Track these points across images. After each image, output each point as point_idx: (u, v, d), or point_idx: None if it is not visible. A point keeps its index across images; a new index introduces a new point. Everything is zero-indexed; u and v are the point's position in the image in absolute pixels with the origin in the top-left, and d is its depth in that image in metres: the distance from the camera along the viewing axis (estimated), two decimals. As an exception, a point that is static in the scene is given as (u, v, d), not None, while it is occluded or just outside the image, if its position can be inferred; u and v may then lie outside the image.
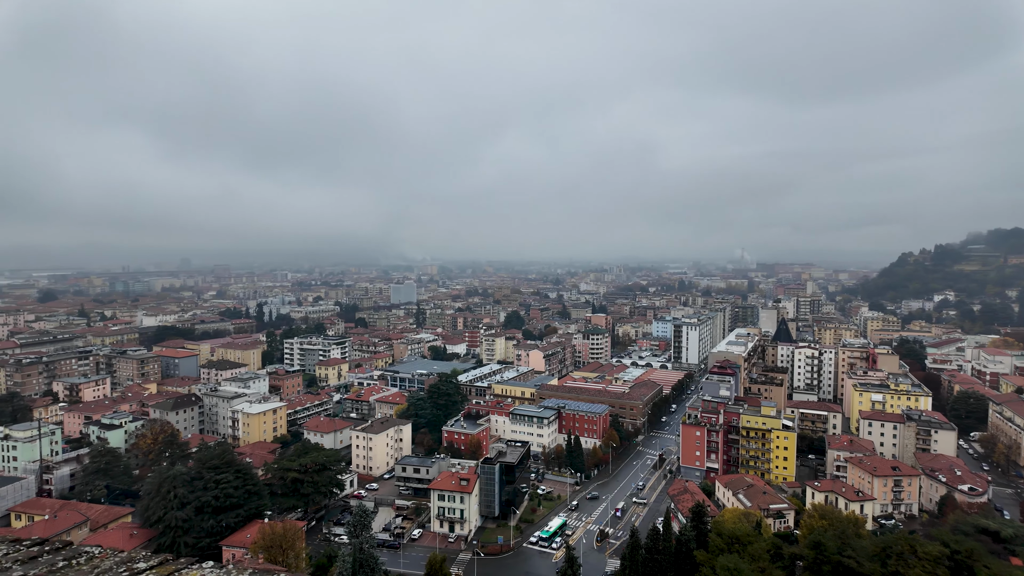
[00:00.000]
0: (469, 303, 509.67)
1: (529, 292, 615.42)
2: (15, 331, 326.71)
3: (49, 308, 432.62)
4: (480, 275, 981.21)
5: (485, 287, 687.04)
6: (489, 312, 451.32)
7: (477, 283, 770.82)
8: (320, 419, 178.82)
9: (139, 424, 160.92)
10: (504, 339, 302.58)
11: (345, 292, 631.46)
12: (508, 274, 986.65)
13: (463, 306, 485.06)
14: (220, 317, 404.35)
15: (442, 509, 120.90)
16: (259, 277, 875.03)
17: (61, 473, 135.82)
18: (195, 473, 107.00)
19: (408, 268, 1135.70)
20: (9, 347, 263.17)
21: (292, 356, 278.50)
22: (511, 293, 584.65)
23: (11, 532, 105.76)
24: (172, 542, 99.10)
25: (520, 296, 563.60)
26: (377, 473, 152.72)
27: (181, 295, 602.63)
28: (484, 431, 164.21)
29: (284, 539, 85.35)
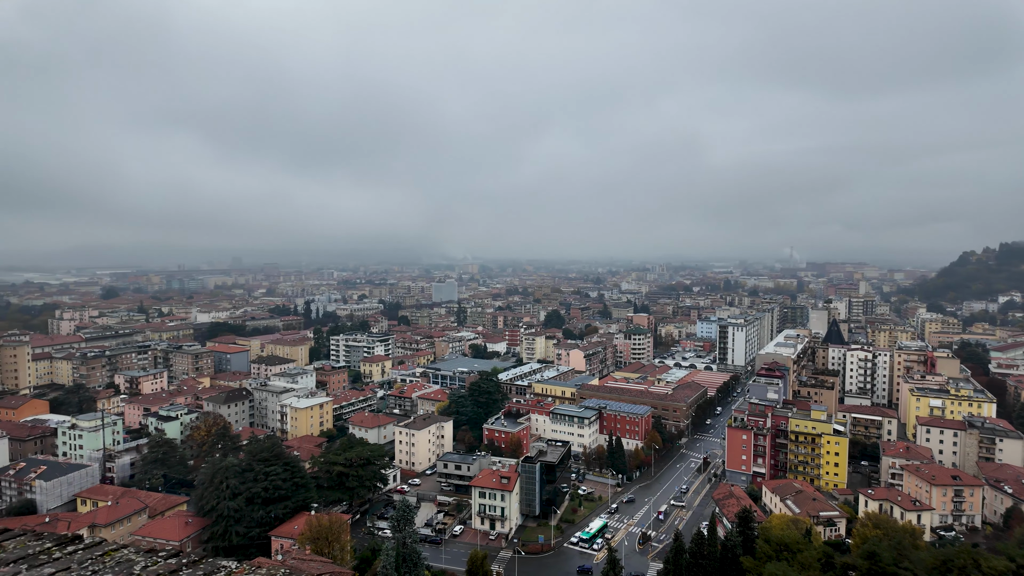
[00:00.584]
0: (509, 302, 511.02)
1: (569, 291, 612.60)
2: (81, 325, 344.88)
3: (111, 304, 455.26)
4: (520, 274, 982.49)
5: (525, 286, 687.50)
6: (529, 311, 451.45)
7: (517, 282, 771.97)
8: (364, 414, 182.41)
9: (194, 416, 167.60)
10: (544, 338, 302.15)
11: (388, 290, 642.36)
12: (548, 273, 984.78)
13: (503, 305, 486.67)
14: (270, 314, 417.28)
15: (483, 506, 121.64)
16: (306, 276, 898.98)
17: (122, 462, 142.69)
18: (246, 465, 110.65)
19: (449, 267, 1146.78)
20: (75, 341, 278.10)
21: (338, 352, 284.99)
22: (551, 292, 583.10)
23: (74, 517, 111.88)
24: (224, 531, 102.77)
25: (560, 295, 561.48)
26: (419, 469, 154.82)
27: (233, 293, 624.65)
28: (524, 430, 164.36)
29: (330, 531, 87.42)
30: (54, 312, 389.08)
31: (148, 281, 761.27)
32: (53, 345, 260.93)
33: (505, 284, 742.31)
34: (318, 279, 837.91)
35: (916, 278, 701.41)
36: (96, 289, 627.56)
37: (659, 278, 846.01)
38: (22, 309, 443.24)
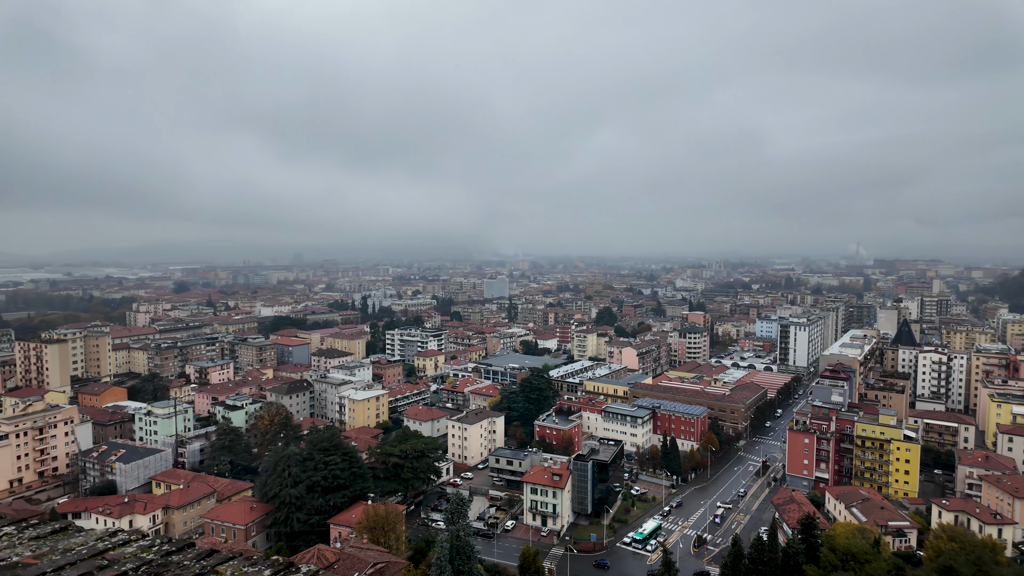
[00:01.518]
0: (560, 298, 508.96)
1: (622, 288, 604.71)
2: (155, 318, 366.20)
3: (182, 298, 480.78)
4: (571, 270, 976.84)
5: (576, 283, 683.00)
6: (580, 308, 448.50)
7: (568, 279, 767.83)
8: (419, 407, 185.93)
9: (258, 406, 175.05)
10: (596, 335, 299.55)
11: (441, 286, 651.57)
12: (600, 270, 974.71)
13: (554, 301, 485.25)
14: (329, 308, 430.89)
15: (535, 503, 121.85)
16: (363, 271, 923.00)
17: (193, 448, 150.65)
18: (307, 454, 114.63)
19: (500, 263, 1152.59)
20: (151, 333, 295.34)
21: (393, 347, 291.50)
22: (603, 289, 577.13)
23: (150, 498, 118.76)
24: (286, 517, 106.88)
25: (612, 292, 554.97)
26: (471, 463, 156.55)
27: (294, 288, 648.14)
28: (576, 427, 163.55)
29: (386, 521, 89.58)
30: (131, 305, 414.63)
31: (216, 276, 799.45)
32: (131, 336, 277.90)
33: (556, 281, 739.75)
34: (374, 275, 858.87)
35: (996, 276, 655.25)
36: (169, 284, 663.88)
37: (715, 275, 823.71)
38: (103, 302, 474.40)
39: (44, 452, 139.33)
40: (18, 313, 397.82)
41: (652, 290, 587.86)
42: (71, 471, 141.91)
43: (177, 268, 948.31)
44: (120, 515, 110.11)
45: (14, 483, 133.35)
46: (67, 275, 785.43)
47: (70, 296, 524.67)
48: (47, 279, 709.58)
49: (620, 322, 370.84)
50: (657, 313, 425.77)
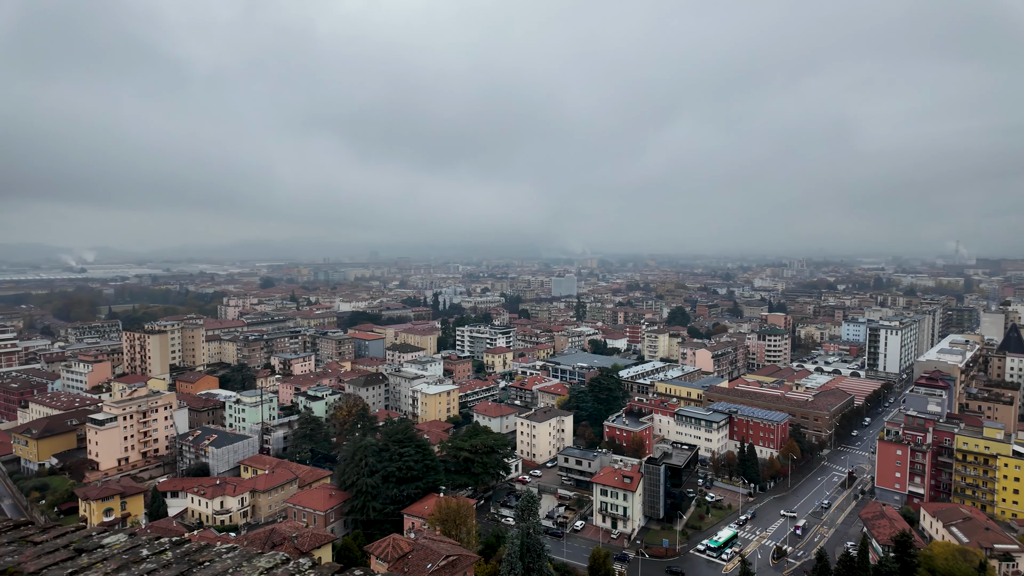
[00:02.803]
0: (630, 297, 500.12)
1: (695, 287, 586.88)
2: (243, 312, 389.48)
3: (268, 293, 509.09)
4: (642, 269, 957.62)
5: (647, 281, 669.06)
6: (651, 307, 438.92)
7: (638, 277, 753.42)
8: (488, 403, 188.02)
9: (337, 397, 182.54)
10: (668, 336, 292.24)
11: (509, 284, 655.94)
12: (672, 268, 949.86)
13: (624, 300, 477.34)
14: (402, 305, 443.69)
15: (604, 504, 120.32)
16: (435, 269, 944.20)
17: (277, 435, 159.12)
18: (382, 445, 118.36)
19: (568, 261, 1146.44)
20: (239, 325, 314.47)
21: (463, 343, 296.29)
22: (675, 288, 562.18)
23: (239, 481, 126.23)
24: (363, 505, 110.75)
25: (685, 291, 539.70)
26: (540, 461, 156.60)
27: (370, 284, 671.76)
28: (647, 430, 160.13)
29: (458, 514, 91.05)
30: (222, 299, 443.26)
31: (298, 272, 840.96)
32: (222, 328, 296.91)
33: (625, 279, 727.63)
34: (445, 272, 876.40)
35: None
36: (256, 279, 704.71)
37: (797, 274, 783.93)
38: (197, 296, 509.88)
39: (147, 434, 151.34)
40: (125, 305, 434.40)
41: (728, 290, 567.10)
42: (170, 453, 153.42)
43: (263, 265, 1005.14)
44: (212, 496, 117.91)
45: (121, 462, 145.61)
46: (166, 271, 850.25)
47: (169, 290, 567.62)
48: (149, 274, 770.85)
49: (693, 322, 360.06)
50: (733, 314, 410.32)
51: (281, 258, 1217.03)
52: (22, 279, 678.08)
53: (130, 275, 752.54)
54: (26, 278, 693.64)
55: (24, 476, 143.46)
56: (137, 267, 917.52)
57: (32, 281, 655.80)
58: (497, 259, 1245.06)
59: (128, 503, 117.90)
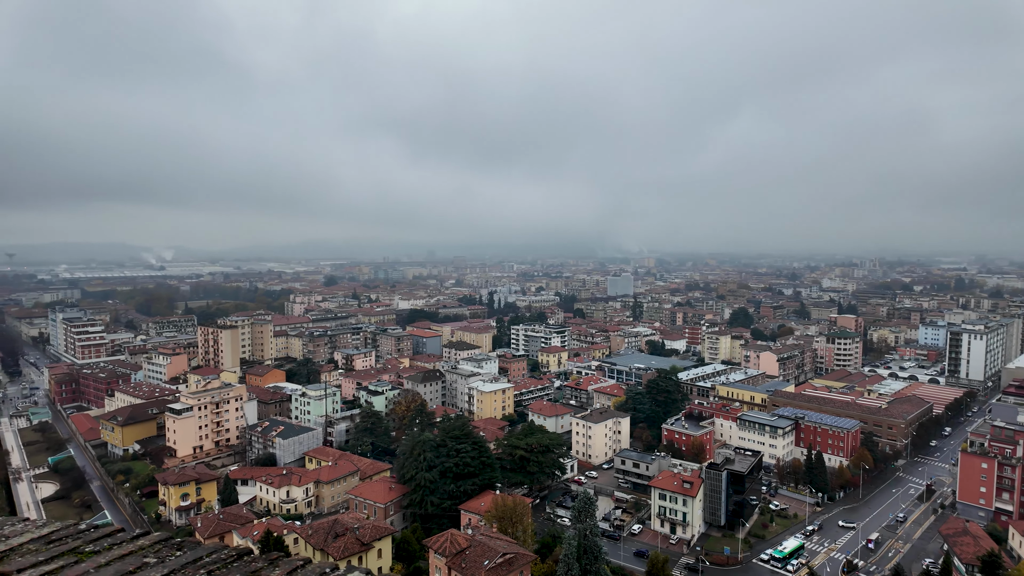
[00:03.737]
0: (689, 297, 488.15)
1: (759, 288, 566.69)
2: (309, 308, 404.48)
3: (331, 291, 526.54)
4: (701, 268, 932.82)
5: (707, 281, 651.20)
6: (712, 308, 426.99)
7: (698, 277, 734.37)
8: (543, 403, 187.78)
9: (396, 392, 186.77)
10: (730, 338, 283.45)
11: (564, 283, 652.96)
12: (733, 267, 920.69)
13: (683, 300, 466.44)
14: (458, 303, 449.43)
15: (663, 508, 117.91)
16: (489, 268, 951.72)
17: (339, 428, 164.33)
18: (440, 440, 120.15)
19: (624, 260, 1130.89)
20: (305, 322, 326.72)
21: (517, 341, 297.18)
22: (737, 288, 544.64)
23: (304, 472, 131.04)
24: (421, 499, 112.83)
25: (748, 292, 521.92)
26: (595, 462, 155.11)
27: (427, 283, 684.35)
28: (708, 434, 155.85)
29: (515, 512, 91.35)
30: (289, 296, 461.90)
31: (359, 271, 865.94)
32: (288, 324, 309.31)
33: (684, 279, 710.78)
34: (499, 271, 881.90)
35: None
36: (320, 277, 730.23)
37: (869, 275, 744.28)
38: (266, 293, 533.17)
39: (220, 424, 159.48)
40: (199, 301, 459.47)
41: (794, 290, 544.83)
42: (240, 443, 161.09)
43: (327, 263, 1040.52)
44: (279, 485, 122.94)
45: (196, 450, 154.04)
46: (237, 269, 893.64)
47: (239, 287, 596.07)
48: (222, 272, 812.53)
49: (757, 324, 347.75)
50: (800, 315, 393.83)
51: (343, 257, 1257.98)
52: (109, 276, 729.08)
53: (204, 273, 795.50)
54: (112, 275, 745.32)
55: (110, 460, 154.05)
56: (211, 265, 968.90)
57: (117, 278, 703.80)
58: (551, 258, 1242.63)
59: (203, 489, 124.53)
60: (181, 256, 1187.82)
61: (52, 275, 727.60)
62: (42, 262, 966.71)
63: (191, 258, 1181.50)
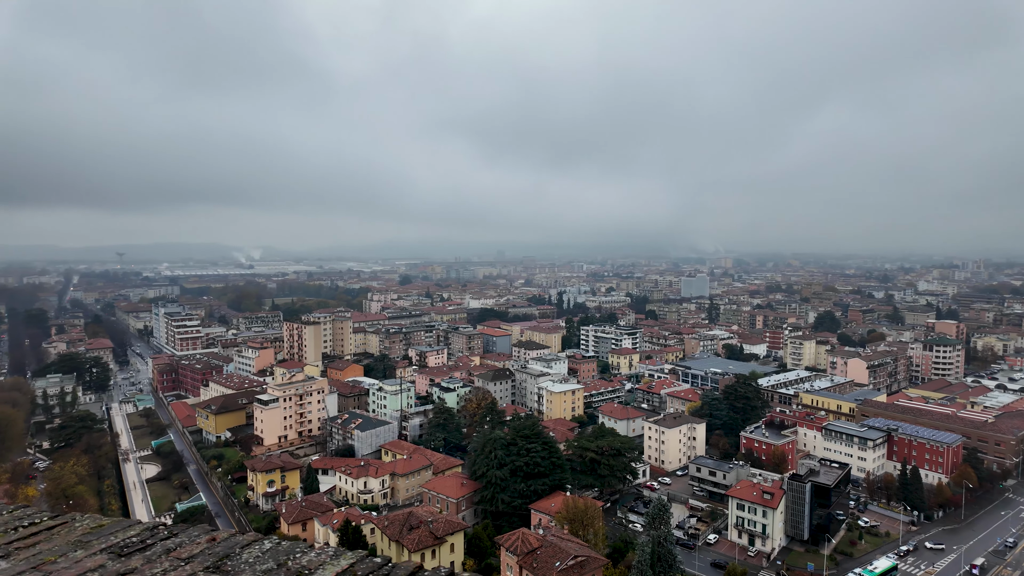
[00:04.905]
0: (770, 300, 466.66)
1: (846, 290, 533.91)
2: (385, 306, 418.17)
3: (406, 289, 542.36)
4: (783, 269, 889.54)
5: (789, 282, 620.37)
6: (794, 311, 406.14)
7: (779, 278, 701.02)
8: (613, 405, 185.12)
9: (467, 390, 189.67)
10: (814, 342, 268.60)
11: (635, 284, 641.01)
12: (818, 268, 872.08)
13: (763, 303, 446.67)
14: (527, 303, 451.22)
15: (741, 519, 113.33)
16: (559, 268, 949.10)
17: (413, 423, 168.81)
18: (510, 439, 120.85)
19: (699, 260, 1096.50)
20: (381, 319, 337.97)
21: (587, 342, 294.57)
22: (823, 291, 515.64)
23: (380, 464, 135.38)
24: (492, 497, 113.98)
25: (834, 294, 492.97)
26: (668, 468, 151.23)
27: (497, 282, 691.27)
28: (790, 444, 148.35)
29: (586, 515, 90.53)
30: (366, 295, 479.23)
31: (432, 270, 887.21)
32: (366, 321, 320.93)
33: (764, 280, 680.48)
34: (569, 271, 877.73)
35: None
36: (395, 276, 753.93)
37: (972, 277, 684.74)
38: (345, 291, 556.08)
39: (303, 416, 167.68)
40: (285, 298, 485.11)
41: (886, 293, 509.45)
42: (321, 434, 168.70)
43: (402, 263, 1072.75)
44: (357, 476, 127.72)
45: (281, 439, 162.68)
46: (319, 268, 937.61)
47: (321, 285, 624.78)
48: (305, 271, 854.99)
49: (844, 329, 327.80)
50: (893, 320, 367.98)
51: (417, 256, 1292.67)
52: (204, 274, 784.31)
53: (289, 271, 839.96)
54: (207, 273, 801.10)
55: (205, 445, 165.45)
56: (295, 264, 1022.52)
57: (212, 276, 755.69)
58: (622, 258, 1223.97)
59: (287, 477, 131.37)
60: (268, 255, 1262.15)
61: (155, 273, 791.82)
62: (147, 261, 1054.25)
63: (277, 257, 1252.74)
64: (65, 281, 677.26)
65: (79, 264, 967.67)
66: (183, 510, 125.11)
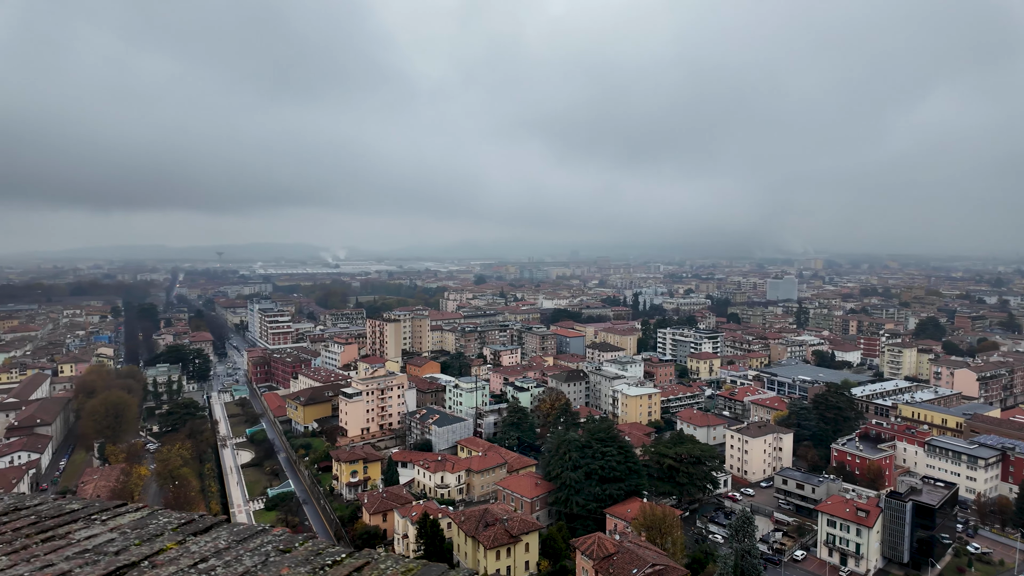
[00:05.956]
0: (865, 304, 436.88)
1: (952, 294, 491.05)
2: (460, 305, 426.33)
3: (481, 289, 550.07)
4: (880, 271, 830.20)
5: (886, 285, 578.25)
6: (892, 316, 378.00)
7: (876, 281, 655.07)
8: (693, 411, 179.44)
9: (540, 390, 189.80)
10: (915, 351, 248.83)
11: (716, 285, 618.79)
12: (920, 271, 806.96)
13: (857, 307, 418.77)
14: (601, 304, 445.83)
15: (832, 536, 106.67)
16: (634, 268, 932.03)
17: (488, 421, 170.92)
18: (585, 441, 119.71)
19: (786, 262, 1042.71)
20: (457, 317, 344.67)
21: (664, 346, 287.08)
22: (925, 295, 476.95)
23: (456, 460, 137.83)
24: (566, 499, 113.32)
25: (939, 299, 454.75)
26: (752, 479, 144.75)
27: (570, 283, 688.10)
28: (888, 459, 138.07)
29: (664, 523, 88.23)
30: (443, 294, 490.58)
31: (506, 270, 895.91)
32: (443, 320, 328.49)
33: (859, 283, 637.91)
34: (644, 272, 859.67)
35: None
36: (470, 276, 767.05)
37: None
38: (423, 290, 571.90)
39: (384, 409, 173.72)
40: (367, 296, 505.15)
41: (999, 298, 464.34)
42: (401, 427, 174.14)
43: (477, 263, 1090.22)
44: (435, 471, 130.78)
45: (364, 431, 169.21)
46: (399, 267, 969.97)
47: (401, 284, 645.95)
48: (386, 270, 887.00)
49: (950, 336, 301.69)
50: (1008, 328, 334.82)
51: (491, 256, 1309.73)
52: (294, 272, 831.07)
53: (372, 271, 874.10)
54: (297, 272, 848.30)
55: (294, 435, 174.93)
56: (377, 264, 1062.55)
57: (301, 274, 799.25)
58: (702, 259, 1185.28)
59: (369, 468, 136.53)
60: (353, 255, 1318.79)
61: (250, 271, 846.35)
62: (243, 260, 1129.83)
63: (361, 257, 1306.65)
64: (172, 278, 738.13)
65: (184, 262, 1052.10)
66: (274, 495, 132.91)
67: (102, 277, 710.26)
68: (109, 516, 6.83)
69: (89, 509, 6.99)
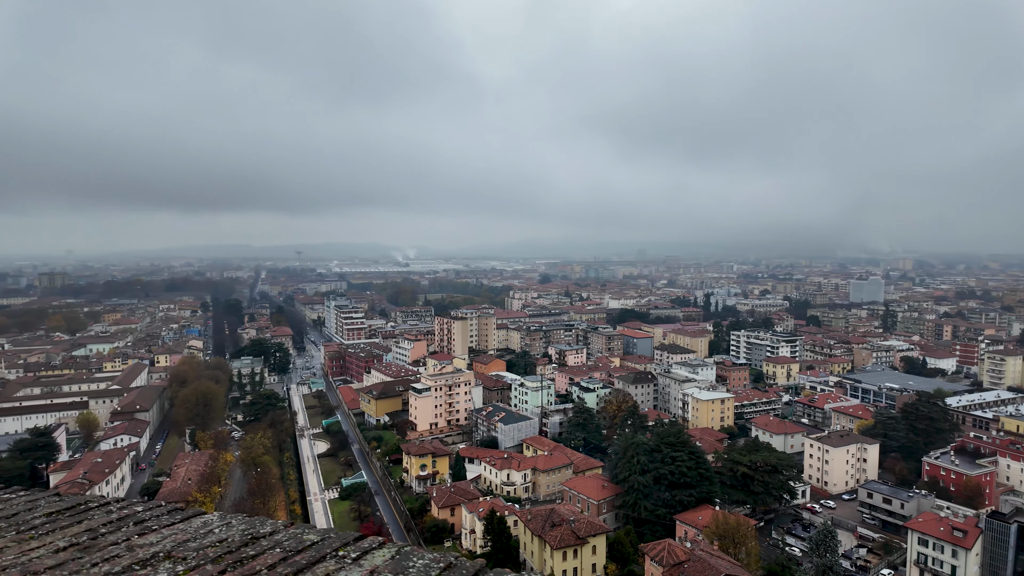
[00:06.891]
0: (961, 307, 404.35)
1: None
2: (525, 304, 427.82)
3: (546, 288, 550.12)
4: (978, 272, 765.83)
5: (986, 288, 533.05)
6: (993, 321, 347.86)
7: (973, 282, 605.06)
8: (769, 418, 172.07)
9: (607, 391, 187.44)
10: (1021, 359, 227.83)
11: (794, 286, 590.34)
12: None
13: (952, 311, 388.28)
14: (671, 304, 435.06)
15: (923, 556, 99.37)
16: (705, 268, 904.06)
17: (553, 420, 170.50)
18: (654, 445, 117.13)
19: (871, 262, 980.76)
20: (522, 316, 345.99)
21: (738, 348, 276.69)
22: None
23: (522, 458, 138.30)
24: (634, 502, 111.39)
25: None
26: (832, 490, 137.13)
27: (638, 282, 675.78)
28: (988, 475, 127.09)
29: (738, 532, 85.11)
30: (508, 292, 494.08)
31: (571, 270, 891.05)
32: (508, 318, 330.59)
33: (954, 285, 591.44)
34: (716, 272, 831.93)
35: None
36: (535, 275, 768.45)
37: None
38: (489, 289, 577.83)
39: (451, 405, 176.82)
40: (436, 294, 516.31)
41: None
42: (467, 424, 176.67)
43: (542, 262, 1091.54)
44: (501, 468, 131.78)
45: (432, 426, 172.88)
46: (466, 266, 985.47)
47: (467, 283, 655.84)
48: (453, 269, 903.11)
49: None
50: None
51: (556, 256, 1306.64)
52: (367, 271, 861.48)
53: (439, 269, 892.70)
54: (369, 270, 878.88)
55: (366, 427, 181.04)
56: (444, 263, 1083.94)
57: (373, 273, 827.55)
58: (778, 258, 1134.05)
59: (437, 462, 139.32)
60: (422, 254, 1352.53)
61: (327, 269, 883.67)
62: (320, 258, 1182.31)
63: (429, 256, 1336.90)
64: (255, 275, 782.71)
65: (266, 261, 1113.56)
66: (348, 485, 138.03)
67: (193, 274, 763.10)
68: (356, 553, 6.36)
69: (330, 543, 6.55)
